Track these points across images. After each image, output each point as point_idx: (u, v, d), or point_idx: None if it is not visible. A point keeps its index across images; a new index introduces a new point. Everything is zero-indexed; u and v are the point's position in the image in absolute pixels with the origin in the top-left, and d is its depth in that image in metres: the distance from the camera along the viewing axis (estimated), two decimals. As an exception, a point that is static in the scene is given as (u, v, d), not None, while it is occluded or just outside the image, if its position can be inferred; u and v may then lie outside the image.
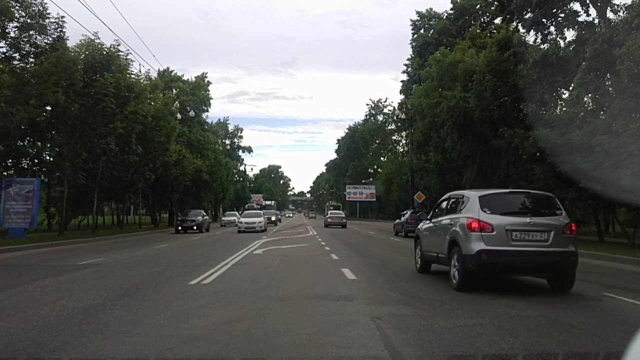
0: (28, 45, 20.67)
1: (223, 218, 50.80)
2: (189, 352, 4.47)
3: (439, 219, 9.52)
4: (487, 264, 7.68)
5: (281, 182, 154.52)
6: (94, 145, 23.74)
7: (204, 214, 34.41)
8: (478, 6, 42.82)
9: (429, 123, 33.99)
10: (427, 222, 10.33)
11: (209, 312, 6.26)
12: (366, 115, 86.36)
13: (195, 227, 30.65)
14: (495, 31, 33.88)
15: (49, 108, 22.36)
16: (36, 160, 26.20)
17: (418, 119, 37.90)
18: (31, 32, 20.37)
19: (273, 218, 47.32)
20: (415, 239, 11.00)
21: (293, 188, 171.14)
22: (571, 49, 20.55)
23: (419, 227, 11.12)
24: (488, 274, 8.14)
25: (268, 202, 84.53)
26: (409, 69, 51.48)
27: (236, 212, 53.71)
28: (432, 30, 46.92)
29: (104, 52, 23.12)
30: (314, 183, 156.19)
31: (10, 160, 24.78)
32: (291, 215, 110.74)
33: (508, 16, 27.26)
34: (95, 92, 22.37)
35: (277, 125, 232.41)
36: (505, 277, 9.04)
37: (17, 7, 19.73)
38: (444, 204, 9.81)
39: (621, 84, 14.57)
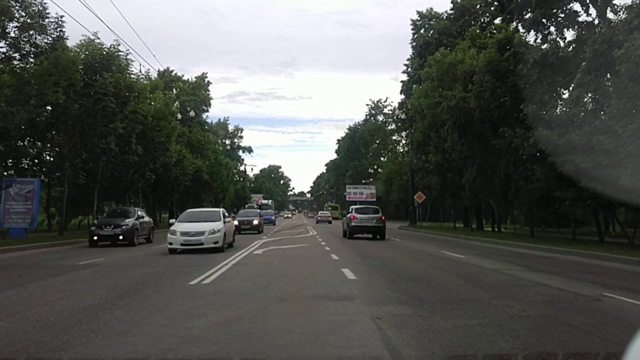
0: (28, 45, 20.65)
1: None
2: (189, 352, 4.47)
3: (347, 215, 25.99)
4: (354, 230, 23.73)
5: (281, 182, 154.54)
6: (94, 145, 23.71)
7: (140, 214, 21.21)
8: (478, 6, 42.83)
9: (429, 123, 34.00)
10: (344, 216, 28.33)
11: (209, 312, 6.26)
12: (366, 116, 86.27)
13: (122, 237, 18.66)
14: (495, 31, 33.89)
15: (49, 108, 22.32)
16: (36, 160, 26.19)
17: (418, 119, 37.91)
18: (31, 32, 20.35)
19: (255, 222, 30.59)
20: (342, 223, 27.87)
21: (293, 188, 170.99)
22: (571, 49, 20.51)
23: (343, 219, 28.95)
24: (355, 233, 23.64)
25: (265, 202, 77.83)
26: (409, 69, 51.43)
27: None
28: (432, 30, 46.86)
29: (104, 52, 23.08)
30: (314, 183, 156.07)
31: (10, 160, 24.73)
32: (290, 215, 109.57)
33: (508, 16, 27.22)
34: (95, 92, 22.33)
35: (277, 125, 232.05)
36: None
37: (17, 7, 19.73)
38: (348, 210, 27.46)
39: (621, 84, 14.57)
